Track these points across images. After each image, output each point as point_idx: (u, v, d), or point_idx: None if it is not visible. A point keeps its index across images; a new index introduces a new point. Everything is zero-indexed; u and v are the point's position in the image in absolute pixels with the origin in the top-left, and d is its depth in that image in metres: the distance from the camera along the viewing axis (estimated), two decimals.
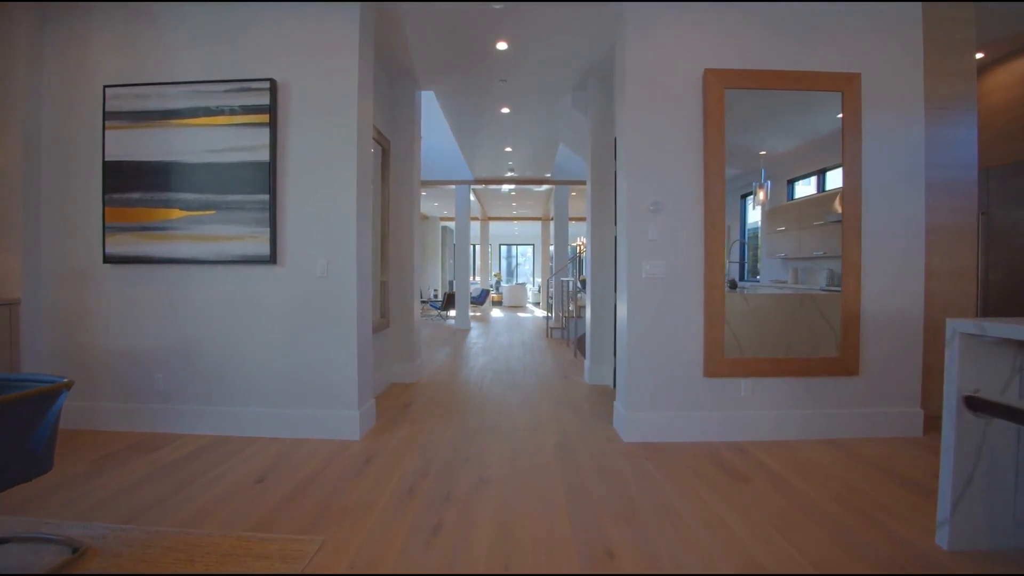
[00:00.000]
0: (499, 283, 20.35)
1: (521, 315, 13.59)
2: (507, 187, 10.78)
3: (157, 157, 3.18)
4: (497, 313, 14.26)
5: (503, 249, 23.27)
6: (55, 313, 3.30)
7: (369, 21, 3.36)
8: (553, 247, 11.70)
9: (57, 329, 3.30)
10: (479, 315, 13.07)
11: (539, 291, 17.56)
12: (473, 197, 12.14)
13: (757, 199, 3.36)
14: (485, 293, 13.61)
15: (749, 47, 3.15)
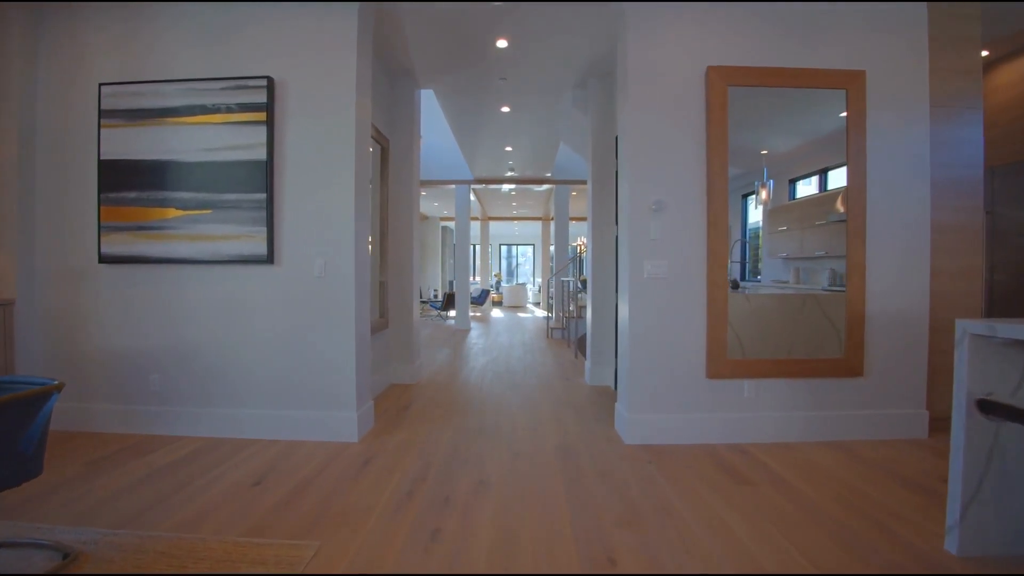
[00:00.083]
0: (499, 283, 20.32)
1: (521, 315, 13.56)
2: (507, 187, 10.75)
3: (153, 156, 3.14)
4: (497, 313, 14.23)
5: (503, 249, 23.23)
6: (50, 314, 3.27)
7: (368, 19, 3.33)
8: (553, 247, 11.67)
9: (52, 330, 3.27)
10: (479, 315, 13.04)
11: (539, 291, 17.53)
12: (473, 197, 12.09)
13: (760, 198, 3.33)
14: (485, 293, 13.58)
15: (751, 45, 3.11)
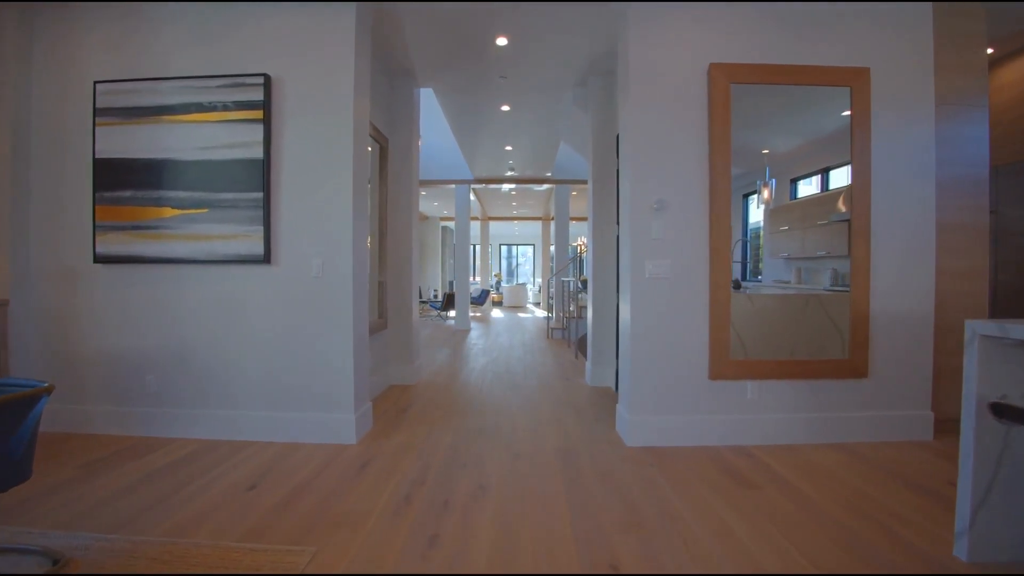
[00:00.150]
0: (499, 283, 20.28)
1: (521, 315, 13.52)
2: (507, 186, 10.71)
3: (149, 154, 3.10)
4: (497, 313, 14.19)
5: (503, 249, 23.18)
6: (44, 314, 3.23)
7: (366, 17, 3.29)
8: (554, 247, 11.63)
9: (46, 330, 3.23)
10: (479, 315, 13.00)
11: (539, 291, 17.49)
12: (473, 197, 12.06)
13: (762, 198, 3.28)
14: (485, 293, 13.54)
15: (754, 43, 3.07)
